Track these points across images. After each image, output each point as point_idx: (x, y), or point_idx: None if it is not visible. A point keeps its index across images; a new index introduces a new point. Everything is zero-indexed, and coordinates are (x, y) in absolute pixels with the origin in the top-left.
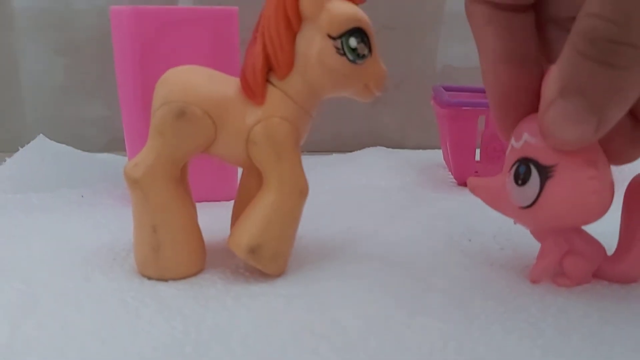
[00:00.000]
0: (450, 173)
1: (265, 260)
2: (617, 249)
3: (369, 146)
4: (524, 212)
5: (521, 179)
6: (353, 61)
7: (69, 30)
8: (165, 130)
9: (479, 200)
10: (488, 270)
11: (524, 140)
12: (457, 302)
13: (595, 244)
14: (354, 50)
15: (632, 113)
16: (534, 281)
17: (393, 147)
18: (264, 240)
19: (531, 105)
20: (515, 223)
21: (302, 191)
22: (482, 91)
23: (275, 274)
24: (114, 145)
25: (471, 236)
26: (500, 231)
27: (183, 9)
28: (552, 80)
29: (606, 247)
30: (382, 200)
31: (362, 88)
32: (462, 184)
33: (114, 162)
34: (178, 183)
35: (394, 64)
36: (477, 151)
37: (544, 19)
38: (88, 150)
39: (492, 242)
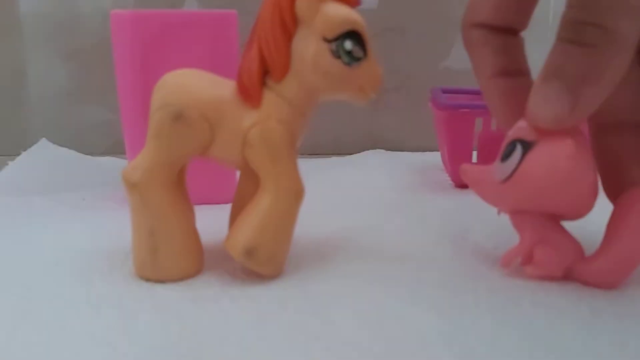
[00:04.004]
0: (448, 175)
1: (262, 263)
2: (594, 253)
3: (368, 149)
4: (502, 188)
5: (506, 155)
6: (348, 64)
7: (73, 35)
8: (162, 133)
9: (474, 202)
10: (481, 267)
11: (517, 126)
12: (449, 296)
13: (571, 240)
14: (349, 52)
15: None
16: (503, 265)
17: (393, 150)
18: (260, 243)
19: None
20: (498, 214)
21: (298, 194)
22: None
23: (272, 275)
24: (117, 148)
25: (466, 235)
26: (495, 232)
27: (182, 12)
28: (538, 76)
29: (589, 251)
30: (378, 202)
31: (358, 91)
32: (459, 186)
33: (116, 165)
34: (176, 186)
35: (394, 67)
36: (475, 153)
37: None
38: (91, 154)
39: (487, 242)
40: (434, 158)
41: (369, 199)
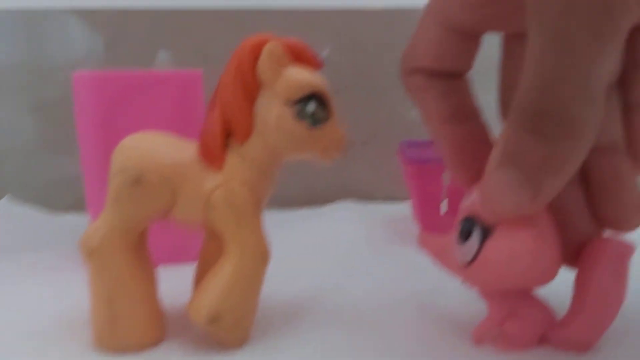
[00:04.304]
0: (418, 226)
1: (227, 330)
2: (566, 315)
3: (339, 199)
4: (466, 269)
5: (464, 235)
6: (312, 126)
7: (40, 88)
8: (121, 198)
9: None
10: (455, 330)
11: (472, 199)
12: None
13: (541, 307)
14: (312, 115)
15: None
16: (476, 342)
17: (363, 200)
18: (224, 309)
19: (484, 158)
20: (462, 283)
21: (263, 256)
22: None
23: (238, 343)
24: (84, 203)
25: (437, 292)
26: (466, 287)
27: (146, 73)
28: (494, 150)
29: (559, 311)
30: (348, 258)
31: (321, 151)
32: None
33: (80, 223)
34: (136, 250)
35: (361, 122)
36: (445, 201)
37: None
38: (57, 208)
39: (458, 300)
40: (405, 208)
41: (339, 255)
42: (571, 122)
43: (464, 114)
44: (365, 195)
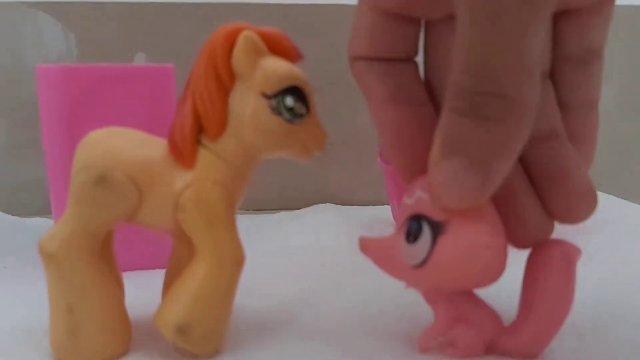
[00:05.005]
0: None
1: (196, 341)
2: (514, 320)
3: (317, 202)
4: (415, 272)
5: (412, 235)
6: (290, 121)
7: (6, 89)
8: (83, 199)
9: None
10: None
11: (417, 197)
12: None
13: (488, 313)
14: (290, 109)
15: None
16: (422, 350)
17: (342, 204)
18: (194, 319)
19: (425, 145)
20: (406, 287)
21: (237, 262)
22: None
23: (208, 355)
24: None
25: (420, 300)
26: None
27: (115, 66)
28: (435, 141)
29: (505, 316)
30: (328, 263)
31: (301, 148)
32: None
33: (45, 227)
34: (99, 255)
35: (341, 121)
36: None
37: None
38: (24, 213)
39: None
40: (384, 212)
41: (317, 260)
42: (510, 98)
43: (405, 98)
44: (344, 197)
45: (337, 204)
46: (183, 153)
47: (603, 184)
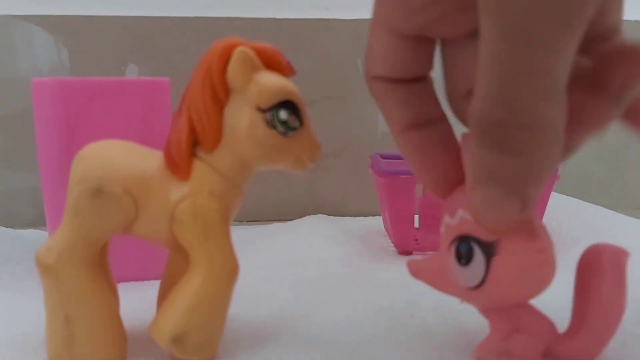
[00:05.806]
0: (390, 241)
1: (192, 350)
2: (569, 326)
3: (310, 214)
4: (473, 292)
5: (464, 258)
6: (284, 134)
7: (3, 99)
8: (80, 210)
9: None
10: (432, 351)
11: (460, 217)
12: None
13: (544, 321)
14: (284, 122)
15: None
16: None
17: (334, 215)
18: (189, 328)
19: (451, 158)
20: (461, 302)
21: (231, 272)
22: None
23: None
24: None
25: (412, 310)
26: (442, 303)
27: (110, 80)
28: (467, 169)
29: (557, 323)
30: (319, 275)
31: (294, 161)
32: (402, 252)
33: (39, 238)
34: (96, 266)
35: (334, 133)
36: (417, 218)
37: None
38: (18, 223)
39: (434, 316)
40: (376, 223)
41: (311, 270)
42: (537, 127)
43: (426, 120)
44: (337, 209)
45: (330, 215)
46: (179, 165)
47: (592, 195)
